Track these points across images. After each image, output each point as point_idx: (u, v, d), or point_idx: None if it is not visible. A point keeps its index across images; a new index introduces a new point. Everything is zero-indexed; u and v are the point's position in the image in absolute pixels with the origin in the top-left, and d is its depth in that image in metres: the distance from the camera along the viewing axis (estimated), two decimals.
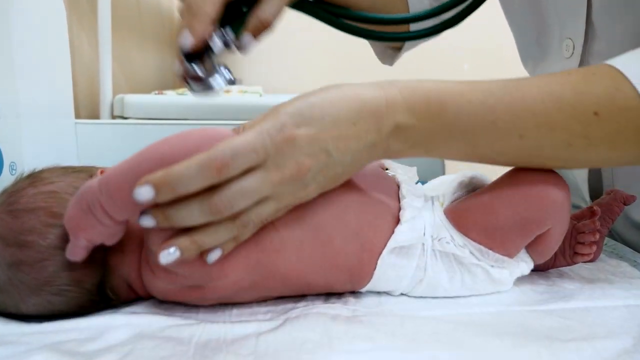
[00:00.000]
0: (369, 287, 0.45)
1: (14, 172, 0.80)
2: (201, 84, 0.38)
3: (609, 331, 0.39)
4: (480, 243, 0.44)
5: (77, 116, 1.01)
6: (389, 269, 0.43)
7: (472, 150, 0.42)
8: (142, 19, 1.59)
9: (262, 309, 0.43)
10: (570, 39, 0.63)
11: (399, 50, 0.72)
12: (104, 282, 0.41)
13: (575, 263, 0.50)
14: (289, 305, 0.43)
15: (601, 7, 0.57)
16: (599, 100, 0.40)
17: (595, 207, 0.50)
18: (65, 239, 0.38)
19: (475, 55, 1.85)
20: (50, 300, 0.40)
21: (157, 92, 1.26)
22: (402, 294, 0.46)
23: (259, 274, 0.41)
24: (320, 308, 0.41)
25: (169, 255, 0.35)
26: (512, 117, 0.40)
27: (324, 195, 0.40)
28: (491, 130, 0.41)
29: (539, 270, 0.50)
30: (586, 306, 0.43)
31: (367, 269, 0.43)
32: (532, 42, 0.75)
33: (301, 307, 0.41)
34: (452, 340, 0.37)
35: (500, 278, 0.45)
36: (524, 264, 0.47)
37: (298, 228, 0.41)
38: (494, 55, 1.81)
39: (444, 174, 1.11)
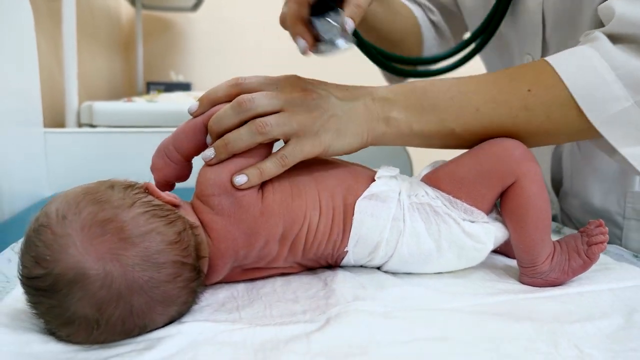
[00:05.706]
0: (356, 235, 0.51)
1: None
2: (328, 44, 0.44)
3: (602, 312, 0.45)
4: (449, 193, 0.51)
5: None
6: (367, 218, 0.51)
7: (443, 124, 0.53)
8: (96, 24, 1.54)
9: (298, 308, 0.46)
10: (529, 54, 0.72)
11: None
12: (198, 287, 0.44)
13: (592, 257, 0.51)
14: (321, 303, 0.46)
15: (554, 27, 0.67)
16: (529, 81, 0.52)
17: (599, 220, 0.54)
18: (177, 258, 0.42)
19: None
20: (172, 314, 0.42)
21: (126, 99, 1.24)
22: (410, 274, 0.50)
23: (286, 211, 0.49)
24: (356, 306, 0.44)
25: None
26: (464, 96, 0.53)
27: (324, 161, 0.53)
28: (451, 106, 0.53)
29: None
30: (579, 291, 0.50)
31: (349, 213, 0.51)
32: (494, 58, 0.83)
33: (337, 306, 0.45)
34: (480, 327, 0.42)
35: (471, 231, 0.51)
36: (499, 224, 0.53)
37: (306, 176, 0.51)
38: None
39: (411, 171, 1.18)
